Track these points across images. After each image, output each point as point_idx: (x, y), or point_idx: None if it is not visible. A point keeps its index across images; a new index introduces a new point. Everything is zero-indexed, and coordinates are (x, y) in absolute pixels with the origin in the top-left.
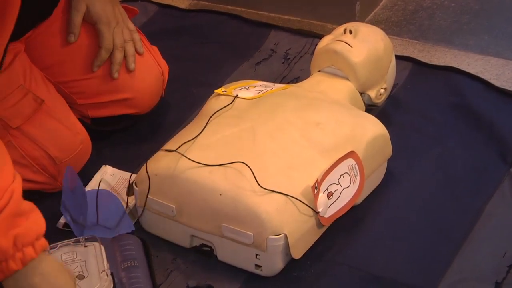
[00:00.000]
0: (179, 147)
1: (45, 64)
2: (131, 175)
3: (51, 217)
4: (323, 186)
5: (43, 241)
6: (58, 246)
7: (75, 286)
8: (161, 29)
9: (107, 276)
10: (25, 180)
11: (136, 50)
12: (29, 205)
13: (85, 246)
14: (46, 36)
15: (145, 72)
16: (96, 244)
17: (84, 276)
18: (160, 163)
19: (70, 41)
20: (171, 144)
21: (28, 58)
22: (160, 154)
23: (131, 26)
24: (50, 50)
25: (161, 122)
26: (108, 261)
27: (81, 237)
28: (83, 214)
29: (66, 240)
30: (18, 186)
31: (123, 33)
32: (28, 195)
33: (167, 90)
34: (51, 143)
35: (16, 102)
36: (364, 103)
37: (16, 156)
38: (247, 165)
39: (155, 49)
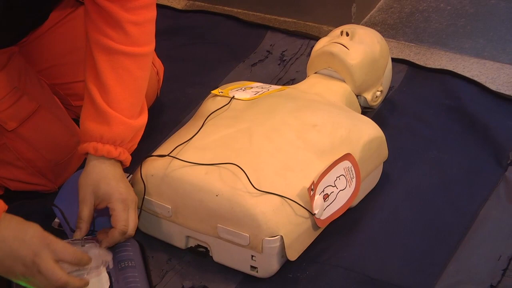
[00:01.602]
0: (172, 150)
1: (41, 67)
2: (129, 175)
3: (46, 217)
4: (319, 188)
5: (1, 202)
6: None
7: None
8: (157, 29)
9: (107, 280)
10: (20, 181)
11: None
12: None
13: (83, 246)
14: (43, 41)
15: None
16: (94, 244)
17: (83, 275)
18: (156, 163)
19: (76, 237)
20: (166, 145)
21: (23, 60)
22: (155, 154)
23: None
24: (47, 54)
25: (157, 122)
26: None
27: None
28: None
29: (65, 240)
30: None
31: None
32: (23, 195)
33: (162, 91)
34: (46, 145)
35: (11, 104)
36: (360, 105)
37: (11, 158)
38: (239, 167)
39: None
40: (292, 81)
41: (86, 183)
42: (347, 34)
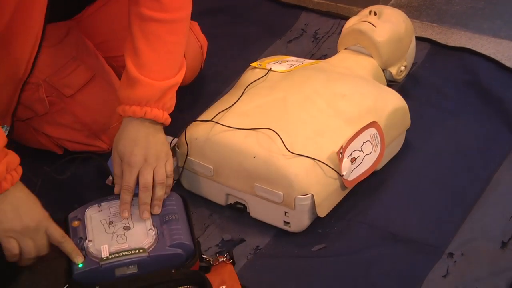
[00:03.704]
0: (215, 116)
1: (96, 41)
2: (172, 139)
3: (100, 175)
4: (347, 152)
5: (21, 168)
6: (108, 199)
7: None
8: (201, 9)
9: (154, 234)
10: (77, 142)
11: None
12: None
13: (133, 205)
14: (96, 17)
15: (186, 46)
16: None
17: (130, 227)
18: (200, 127)
19: (116, 191)
20: (209, 112)
21: (80, 33)
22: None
23: (169, 168)
24: (100, 29)
25: (201, 91)
26: (151, 216)
27: None
28: None
29: (115, 195)
30: None
31: (155, 174)
32: (80, 155)
33: (206, 64)
34: (100, 110)
35: (70, 72)
36: (385, 79)
37: (69, 121)
38: (275, 132)
39: (194, 24)
40: (324, 57)
41: (114, 144)
42: (375, 14)
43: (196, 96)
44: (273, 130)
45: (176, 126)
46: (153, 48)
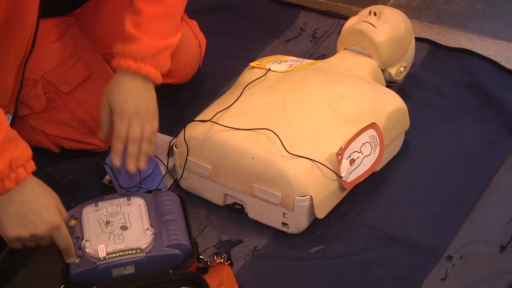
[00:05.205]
0: (213, 116)
1: (94, 37)
2: (172, 139)
3: (98, 173)
4: (346, 153)
5: (32, 163)
6: (105, 198)
7: (57, 200)
8: (200, 7)
9: (151, 234)
10: (74, 140)
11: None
12: (14, 132)
13: (129, 199)
14: (96, 11)
15: (184, 44)
16: (140, 200)
17: (127, 227)
18: (199, 127)
19: (100, 137)
20: (208, 112)
21: (79, 30)
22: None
23: (155, 126)
24: (99, 24)
25: (199, 91)
26: (148, 215)
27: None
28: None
29: (112, 194)
30: (3, 116)
31: (142, 129)
32: (77, 153)
33: (205, 62)
34: (98, 108)
35: (67, 69)
36: (385, 79)
37: (67, 118)
38: (274, 132)
39: (193, 23)
40: (323, 57)
41: (106, 94)
42: (375, 14)
43: (194, 94)
44: (272, 131)
45: (173, 126)
46: (153, 9)
